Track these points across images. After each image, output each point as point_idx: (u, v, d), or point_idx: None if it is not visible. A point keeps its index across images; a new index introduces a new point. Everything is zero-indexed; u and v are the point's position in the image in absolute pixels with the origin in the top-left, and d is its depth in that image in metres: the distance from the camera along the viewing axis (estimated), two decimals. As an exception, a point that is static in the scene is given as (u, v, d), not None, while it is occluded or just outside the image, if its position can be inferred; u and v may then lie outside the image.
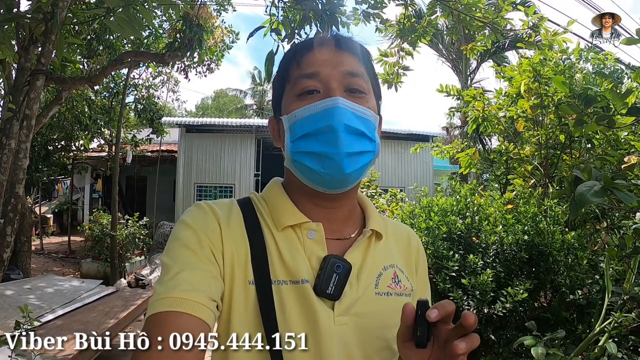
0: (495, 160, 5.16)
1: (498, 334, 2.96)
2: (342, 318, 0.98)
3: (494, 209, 3.40)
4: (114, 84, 13.66)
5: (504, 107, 4.68)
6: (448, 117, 16.82)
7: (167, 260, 0.95)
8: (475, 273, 2.92)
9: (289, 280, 0.98)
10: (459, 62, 15.25)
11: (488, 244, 3.12)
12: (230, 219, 1.03)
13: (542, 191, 3.91)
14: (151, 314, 0.87)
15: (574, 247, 3.27)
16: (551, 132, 4.33)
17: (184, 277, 0.90)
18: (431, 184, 15.37)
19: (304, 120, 0.99)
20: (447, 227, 3.21)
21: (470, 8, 4.24)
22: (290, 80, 1.05)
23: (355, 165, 0.99)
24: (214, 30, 9.84)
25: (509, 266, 3.08)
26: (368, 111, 1.02)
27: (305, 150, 0.99)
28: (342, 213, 1.10)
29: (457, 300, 2.85)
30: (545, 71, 4.23)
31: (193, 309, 0.86)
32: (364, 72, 1.07)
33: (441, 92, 5.12)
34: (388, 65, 5.13)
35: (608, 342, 2.36)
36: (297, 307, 0.97)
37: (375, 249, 1.10)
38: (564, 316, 3.10)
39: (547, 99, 4.26)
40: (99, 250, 11.76)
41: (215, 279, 0.94)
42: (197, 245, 0.96)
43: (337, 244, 1.07)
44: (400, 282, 1.10)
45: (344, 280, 1.00)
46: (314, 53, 1.05)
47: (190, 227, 0.99)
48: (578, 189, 1.87)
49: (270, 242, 1.02)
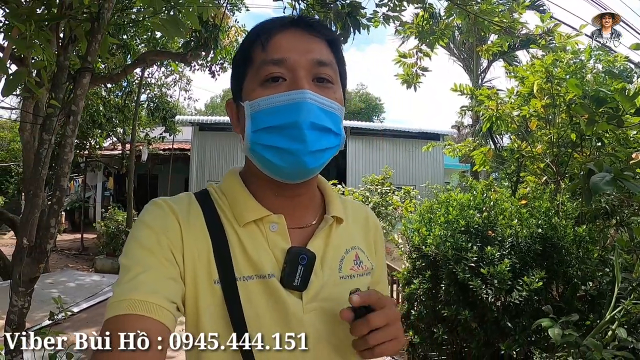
0: (507, 158, 5.27)
1: (514, 321, 3.11)
2: (310, 305, 0.99)
3: (509, 204, 3.55)
4: (126, 82, 13.78)
5: (517, 106, 4.80)
6: (459, 115, 16.88)
7: (125, 261, 0.91)
8: (493, 264, 3.08)
9: (255, 275, 0.97)
10: (470, 61, 15.32)
11: (504, 237, 3.27)
12: (189, 216, 0.99)
13: (555, 187, 4.05)
14: (110, 316, 0.84)
15: (585, 241, 3.42)
16: (562, 131, 4.45)
17: (142, 278, 0.87)
18: (442, 182, 15.40)
19: (268, 111, 0.94)
20: (466, 221, 3.36)
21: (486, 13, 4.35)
22: (254, 64, 0.99)
23: (319, 161, 0.97)
24: (228, 30, 10.00)
25: (524, 258, 3.24)
26: (335, 104, 0.99)
27: (267, 144, 0.94)
28: (303, 202, 1.08)
29: (477, 288, 3.00)
30: (558, 72, 4.35)
31: (152, 312, 0.84)
32: (332, 60, 1.01)
33: (455, 91, 5.23)
34: (406, 66, 5.27)
35: (618, 328, 2.50)
36: (265, 302, 0.96)
37: (337, 233, 1.09)
38: (575, 306, 3.24)
39: (559, 99, 4.38)
40: (114, 246, 11.86)
41: (175, 280, 0.92)
42: (156, 246, 0.93)
43: (299, 232, 1.05)
44: (362, 263, 1.11)
45: (309, 270, 0.99)
46: (281, 36, 0.98)
47: (149, 226, 0.96)
48: (592, 179, 2.05)
49: (232, 238, 0.99)
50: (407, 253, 4.06)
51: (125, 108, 13.51)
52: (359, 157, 17.28)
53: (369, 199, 8.16)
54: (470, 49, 14.66)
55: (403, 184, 12.23)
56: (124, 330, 0.81)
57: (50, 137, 2.95)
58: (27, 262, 2.84)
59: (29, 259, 2.85)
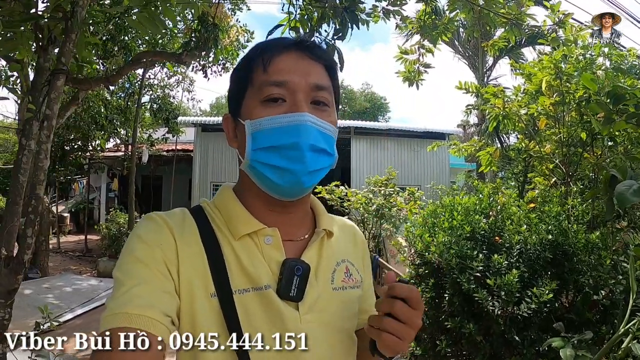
0: (513, 158, 5.11)
1: (522, 334, 2.92)
2: (307, 316, 1.01)
3: (517, 208, 3.36)
4: (129, 84, 13.73)
5: (524, 104, 4.62)
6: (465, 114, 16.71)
7: (120, 275, 0.92)
8: (500, 273, 2.88)
9: (251, 288, 0.98)
10: (475, 59, 15.15)
11: (512, 244, 3.07)
12: (184, 230, 1.01)
13: (565, 190, 3.85)
14: (104, 329, 0.85)
15: (598, 247, 3.22)
16: (573, 130, 4.27)
17: (137, 292, 0.88)
18: (447, 182, 15.26)
19: (269, 131, 0.98)
20: (471, 227, 3.17)
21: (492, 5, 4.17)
22: (254, 84, 1.03)
23: (314, 180, 1.02)
24: (229, 30, 9.85)
25: (532, 266, 3.04)
26: (331, 127, 1.04)
27: (268, 163, 0.98)
28: (296, 217, 1.11)
29: (482, 300, 2.81)
30: (567, 68, 4.17)
31: (146, 325, 0.85)
32: (329, 84, 1.06)
33: (460, 89, 5.07)
34: (408, 63, 5.08)
35: (633, 342, 2.32)
36: (262, 313, 0.98)
37: (328, 246, 1.13)
38: (587, 318, 3.05)
39: (568, 96, 4.20)
40: (116, 248, 11.84)
41: (170, 294, 0.93)
42: (150, 260, 0.94)
43: (292, 245, 1.08)
44: (352, 276, 1.15)
45: (304, 281, 1.01)
46: (282, 58, 1.03)
47: (144, 240, 0.97)
48: (617, 189, 1.85)
49: (228, 252, 1.01)
50: (410, 259, 3.88)
51: (127, 110, 13.47)
52: (363, 157, 17.13)
53: (373, 200, 7.97)
54: (475, 47, 14.53)
55: (407, 184, 12.09)
56: (118, 344, 0.81)
57: (30, 142, 2.81)
58: (5, 274, 2.73)
59: (6, 270, 2.73)
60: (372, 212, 7.88)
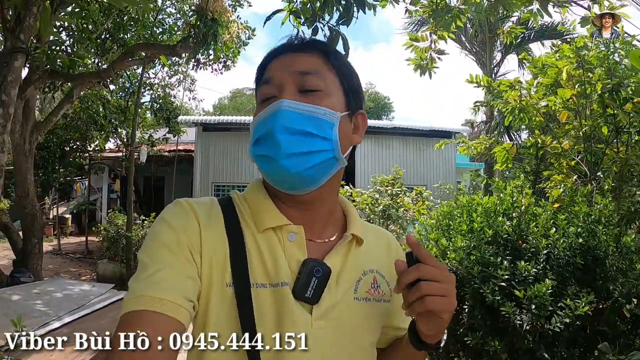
0: (530, 153, 4.84)
1: (552, 351, 2.59)
2: (320, 322, 0.99)
3: (541, 209, 3.03)
4: (129, 83, 13.57)
5: (543, 97, 4.33)
6: (472, 112, 16.43)
7: (145, 258, 0.93)
8: (527, 283, 2.56)
9: (268, 283, 0.98)
10: (482, 54, 14.90)
11: (538, 249, 2.74)
12: (210, 219, 1.01)
13: (590, 188, 3.53)
14: (126, 311, 0.86)
15: (631, 251, 2.92)
16: (596, 124, 3.98)
17: (161, 276, 0.89)
18: (454, 181, 14.96)
19: (256, 126, 1.02)
20: (493, 230, 2.84)
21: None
22: (257, 90, 1.08)
23: (304, 165, 0.97)
24: (229, 25, 9.57)
25: (562, 274, 2.71)
26: (320, 109, 1.00)
27: (257, 154, 1.01)
28: (319, 216, 1.09)
29: (510, 315, 2.48)
30: (590, 56, 3.88)
31: (169, 309, 0.85)
32: (320, 69, 1.04)
33: (471, 82, 4.80)
34: (420, 50, 4.77)
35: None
36: (274, 310, 0.96)
37: (356, 253, 1.09)
38: (621, 329, 2.74)
39: (590, 88, 3.91)
40: (115, 251, 11.70)
41: (193, 279, 0.93)
42: (175, 245, 0.94)
43: (317, 246, 1.06)
44: (379, 288, 1.11)
45: (322, 284, 0.99)
46: (274, 60, 1.06)
47: (170, 225, 0.97)
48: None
49: (250, 244, 1.01)
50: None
51: (127, 109, 13.30)
52: (368, 156, 16.82)
53: (379, 200, 7.67)
54: (483, 42, 14.29)
55: (414, 184, 11.80)
56: (140, 326, 0.82)
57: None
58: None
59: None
60: (378, 213, 7.60)
